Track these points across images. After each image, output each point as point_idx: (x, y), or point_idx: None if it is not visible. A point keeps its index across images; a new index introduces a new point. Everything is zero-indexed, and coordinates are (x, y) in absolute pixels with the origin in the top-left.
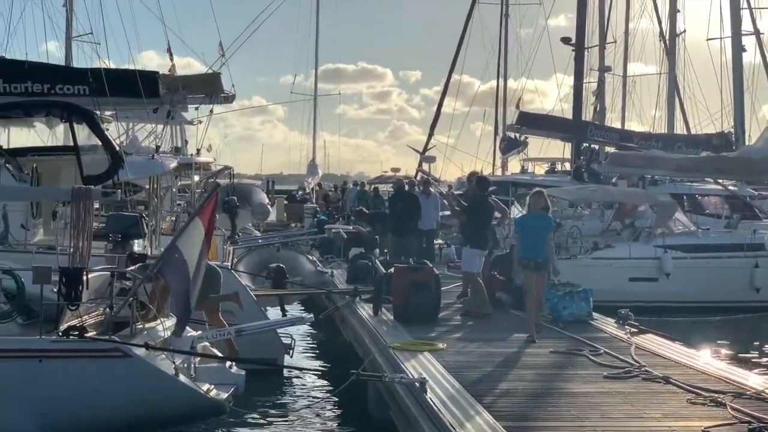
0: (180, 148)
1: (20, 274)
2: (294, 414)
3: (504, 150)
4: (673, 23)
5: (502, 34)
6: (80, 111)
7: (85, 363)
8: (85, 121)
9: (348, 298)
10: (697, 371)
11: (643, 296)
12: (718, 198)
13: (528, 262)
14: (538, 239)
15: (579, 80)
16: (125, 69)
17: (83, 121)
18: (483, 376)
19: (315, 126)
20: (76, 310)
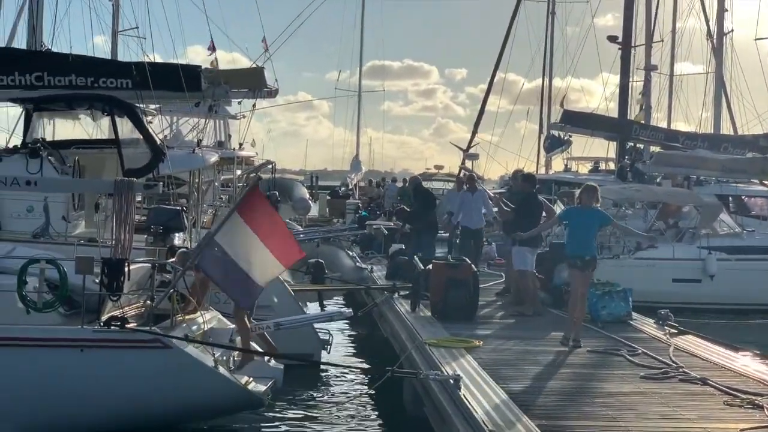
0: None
1: (63, 265)
2: (330, 409)
3: (548, 148)
4: (721, 22)
5: (548, 32)
6: (122, 104)
7: (125, 353)
8: (127, 115)
9: (386, 294)
10: (735, 373)
11: (686, 297)
12: (764, 200)
13: (574, 260)
14: (585, 234)
15: (625, 79)
16: (167, 63)
17: (125, 115)
18: (518, 375)
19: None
20: (117, 300)
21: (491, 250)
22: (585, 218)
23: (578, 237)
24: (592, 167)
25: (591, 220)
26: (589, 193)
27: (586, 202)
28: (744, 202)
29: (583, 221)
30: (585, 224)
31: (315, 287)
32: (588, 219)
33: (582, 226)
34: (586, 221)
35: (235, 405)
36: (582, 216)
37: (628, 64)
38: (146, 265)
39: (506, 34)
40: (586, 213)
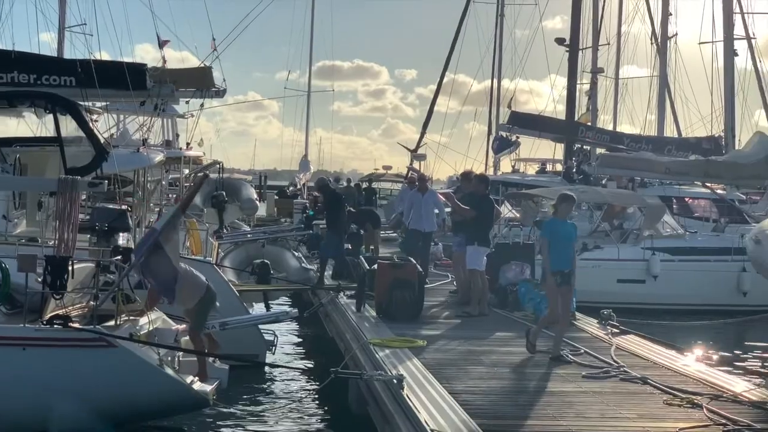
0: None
1: (4, 263)
2: (275, 409)
3: (496, 149)
4: (665, 26)
5: (497, 34)
6: (64, 102)
7: (69, 352)
8: (69, 113)
9: (332, 294)
10: (675, 373)
11: (631, 298)
12: (707, 201)
13: (555, 275)
14: (565, 248)
15: (572, 81)
16: (112, 61)
17: (67, 113)
18: (461, 374)
19: (308, 122)
20: (60, 299)
21: (437, 250)
22: (564, 231)
23: (557, 250)
24: (539, 169)
25: (569, 233)
26: (569, 204)
27: (563, 213)
28: (687, 203)
29: (562, 234)
30: (564, 237)
31: (260, 287)
32: (566, 231)
33: (561, 239)
34: (564, 234)
35: (180, 405)
36: (561, 228)
37: (576, 67)
38: (90, 265)
39: (455, 35)
40: (567, 226)
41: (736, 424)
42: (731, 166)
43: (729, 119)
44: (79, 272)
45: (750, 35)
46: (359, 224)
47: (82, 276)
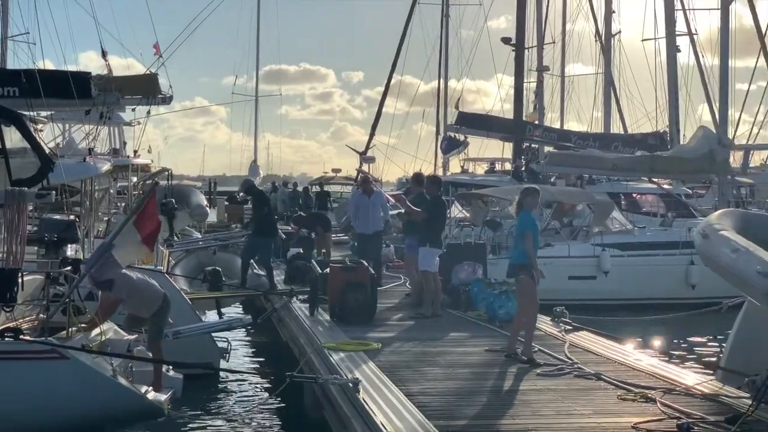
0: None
1: None
2: (231, 417)
3: (445, 150)
4: (609, 24)
5: (443, 34)
6: (8, 113)
7: (20, 365)
8: (13, 123)
9: (285, 299)
10: (628, 368)
11: (582, 294)
12: (654, 197)
13: (530, 269)
14: (537, 242)
15: (519, 80)
16: (56, 70)
17: (11, 123)
18: (417, 376)
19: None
20: (11, 312)
21: (389, 252)
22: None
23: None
24: (488, 168)
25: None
26: (535, 197)
27: (532, 207)
28: (635, 199)
29: (535, 228)
30: (536, 231)
31: (212, 295)
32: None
33: (536, 233)
34: (536, 228)
35: (135, 415)
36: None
37: (522, 66)
38: (39, 277)
39: (401, 36)
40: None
41: (690, 417)
42: (676, 160)
43: (673, 114)
44: (29, 284)
45: (692, 31)
46: (310, 228)
47: (31, 288)
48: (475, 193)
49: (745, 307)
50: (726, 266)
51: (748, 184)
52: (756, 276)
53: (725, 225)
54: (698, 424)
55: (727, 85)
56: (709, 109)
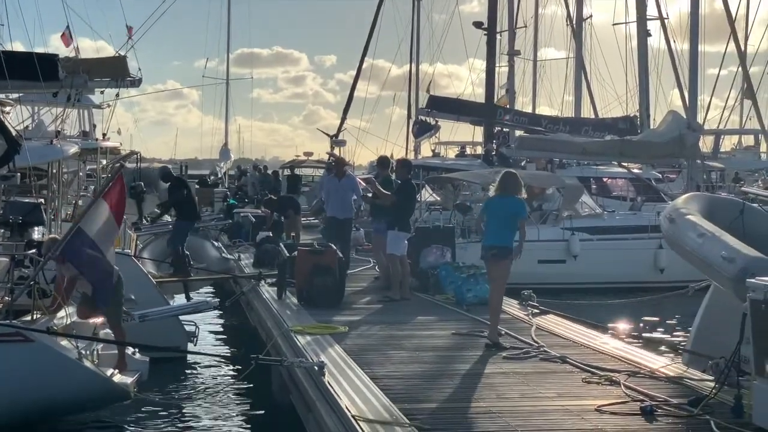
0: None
1: None
2: (198, 400)
3: (417, 134)
4: (580, 8)
5: (414, 18)
6: None
7: None
8: None
9: (253, 283)
10: (594, 351)
11: (552, 278)
12: (624, 181)
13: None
14: (502, 224)
15: (491, 64)
16: (22, 51)
17: None
18: (383, 359)
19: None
20: None
21: (359, 236)
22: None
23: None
24: (458, 152)
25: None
26: (506, 179)
27: (502, 189)
28: (605, 183)
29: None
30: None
31: (179, 278)
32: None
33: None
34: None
35: (101, 398)
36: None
37: (494, 49)
38: (4, 260)
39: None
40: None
41: (653, 400)
42: (645, 145)
43: (643, 99)
44: None
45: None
46: (280, 211)
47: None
48: (445, 177)
49: (711, 290)
50: (692, 251)
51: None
52: (721, 261)
53: (691, 209)
54: (661, 407)
55: (697, 70)
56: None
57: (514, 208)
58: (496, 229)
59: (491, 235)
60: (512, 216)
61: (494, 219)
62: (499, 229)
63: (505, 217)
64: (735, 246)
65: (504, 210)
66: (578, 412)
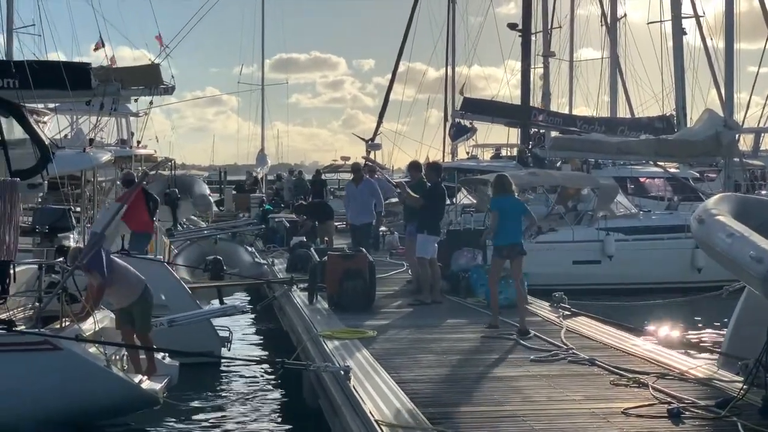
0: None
1: None
2: (228, 405)
3: (453, 136)
4: (615, 7)
5: (450, 20)
6: (6, 104)
7: (13, 356)
8: (12, 114)
9: (285, 288)
10: (624, 353)
11: (587, 279)
12: (661, 180)
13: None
14: (514, 223)
15: (526, 65)
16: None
17: (10, 114)
18: (410, 363)
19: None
20: (3, 303)
21: (393, 239)
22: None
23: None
24: (493, 154)
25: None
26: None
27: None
28: (642, 183)
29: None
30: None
31: (213, 284)
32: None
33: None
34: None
35: (130, 405)
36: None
37: (529, 51)
38: (33, 267)
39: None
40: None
41: (681, 402)
42: (681, 144)
43: (680, 98)
44: (25, 273)
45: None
46: (312, 216)
47: (26, 277)
48: (478, 179)
49: (746, 292)
50: (721, 252)
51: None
52: (749, 261)
53: (722, 210)
54: (689, 409)
55: (732, 68)
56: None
57: (521, 207)
58: (511, 228)
59: (509, 234)
60: (521, 214)
61: (507, 219)
62: (514, 227)
63: (516, 217)
64: (764, 246)
65: (514, 210)
66: (604, 415)
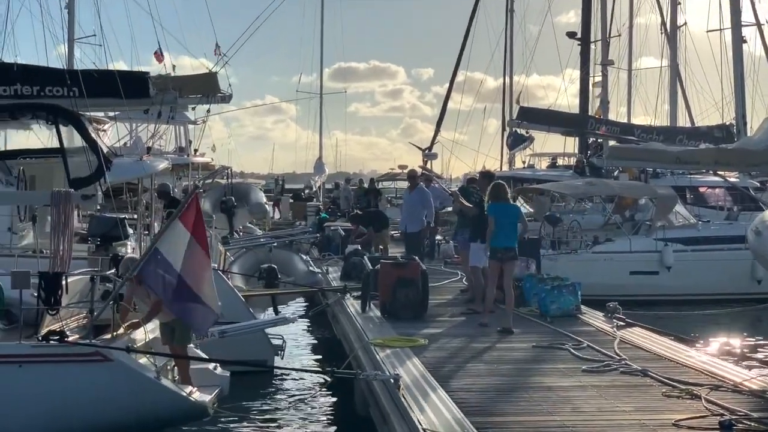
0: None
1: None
2: (280, 414)
3: (511, 145)
4: (674, 15)
5: (508, 29)
6: (66, 113)
7: (65, 368)
8: (71, 123)
9: (339, 296)
10: (677, 364)
11: (644, 290)
12: (720, 190)
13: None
14: (508, 228)
15: (584, 74)
16: (111, 70)
17: (69, 123)
18: (460, 372)
19: (321, 124)
20: (56, 314)
21: (449, 248)
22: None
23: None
24: (549, 163)
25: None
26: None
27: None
28: (700, 193)
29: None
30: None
31: (267, 292)
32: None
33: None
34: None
35: (180, 416)
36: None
37: (587, 60)
38: (84, 277)
39: (465, 32)
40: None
41: (734, 414)
42: (741, 153)
43: (739, 106)
44: (78, 283)
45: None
46: (366, 225)
47: (80, 286)
48: (535, 188)
49: None
50: None
51: None
52: None
53: None
54: (741, 421)
55: None
56: None
57: (515, 213)
58: (505, 232)
59: (502, 239)
60: (515, 220)
61: (501, 224)
62: (508, 232)
63: (511, 222)
64: None
65: (507, 216)
66: (654, 427)
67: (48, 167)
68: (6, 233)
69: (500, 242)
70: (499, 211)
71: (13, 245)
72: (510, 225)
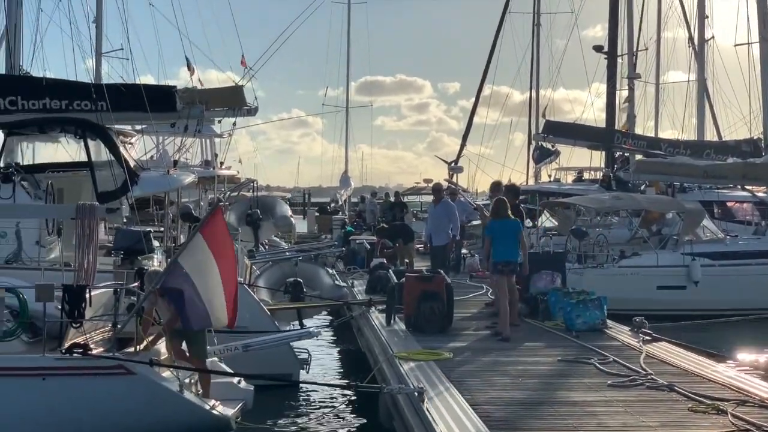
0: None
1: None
2: (304, 427)
3: (537, 159)
4: (702, 29)
5: (534, 44)
6: (94, 127)
7: (88, 381)
8: (99, 137)
9: (364, 309)
10: (704, 379)
11: (671, 305)
12: (748, 204)
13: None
14: (509, 243)
15: (611, 88)
16: (139, 84)
17: (97, 137)
18: (485, 386)
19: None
20: (80, 327)
21: (474, 261)
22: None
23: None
24: (575, 177)
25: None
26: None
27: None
28: (728, 207)
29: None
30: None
31: (292, 305)
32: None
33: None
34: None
35: (203, 430)
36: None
37: (614, 74)
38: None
39: (492, 46)
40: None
41: (760, 429)
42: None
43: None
44: (102, 296)
45: None
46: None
47: (104, 299)
48: (560, 202)
49: None
50: None
51: None
52: None
53: None
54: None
55: None
56: None
57: (514, 228)
58: (506, 247)
59: (503, 253)
60: (515, 235)
61: (501, 239)
62: (508, 247)
63: (511, 237)
64: None
65: (507, 231)
66: None
67: (76, 181)
68: (34, 246)
69: (501, 256)
70: (499, 228)
71: (41, 258)
72: (511, 239)
